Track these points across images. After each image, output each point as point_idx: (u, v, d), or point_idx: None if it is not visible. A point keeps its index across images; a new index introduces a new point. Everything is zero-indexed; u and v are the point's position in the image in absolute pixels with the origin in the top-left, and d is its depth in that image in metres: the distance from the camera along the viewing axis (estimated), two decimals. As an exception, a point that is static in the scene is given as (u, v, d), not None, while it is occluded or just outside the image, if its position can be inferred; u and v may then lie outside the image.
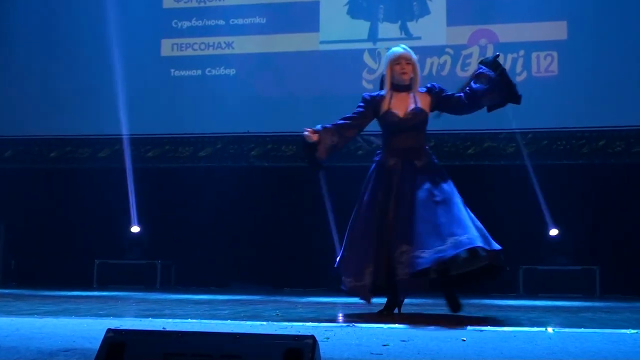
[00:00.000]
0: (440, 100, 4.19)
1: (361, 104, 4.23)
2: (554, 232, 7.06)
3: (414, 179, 4.01)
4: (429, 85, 4.26)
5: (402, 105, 4.14)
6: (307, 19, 8.08)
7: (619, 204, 7.38)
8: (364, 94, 4.32)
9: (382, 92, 4.23)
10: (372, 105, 4.20)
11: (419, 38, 7.86)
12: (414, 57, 4.22)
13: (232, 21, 8.22)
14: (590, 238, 7.30)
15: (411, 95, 4.17)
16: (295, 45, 8.02)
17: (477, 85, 4.14)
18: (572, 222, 7.15)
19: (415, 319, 3.84)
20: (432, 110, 4.21)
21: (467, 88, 4.16)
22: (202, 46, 8.26)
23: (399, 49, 4.23)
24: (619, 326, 3.43)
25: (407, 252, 3.80)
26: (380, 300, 4.16)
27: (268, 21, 8.16)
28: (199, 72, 8.22)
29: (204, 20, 8.29)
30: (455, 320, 3.77)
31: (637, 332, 3.12)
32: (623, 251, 7.25)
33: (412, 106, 4.12)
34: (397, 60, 4.17)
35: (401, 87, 4.18)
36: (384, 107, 4.15)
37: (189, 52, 8.27)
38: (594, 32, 7.52)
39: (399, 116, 4.12)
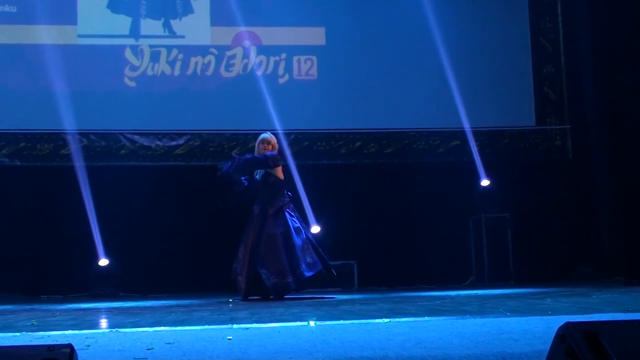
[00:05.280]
0: None
1: None
2: (315, 229, 7.33)
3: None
4: None
5: None
6: (64, 11, 7.66)
7: (374, 202, 7.91)
8: None
9: None
10: None
11: (182, 37, 7.79)
12: (273, 139, 6.16)
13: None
14: (349, 234, 7.73)
15: None
16: (51, 37, 7.54)
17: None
18: (332, 220, 7.50)
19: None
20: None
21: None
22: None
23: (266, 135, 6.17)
24: (374, 316, 3.66)
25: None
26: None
27: (19, 10, 7.60)
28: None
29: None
30: (222, 320, 3.78)
31: (389, 321, 3.35)
32: (377, 246, 7.84)
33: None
34: (262, 142, 6.10)
35: None
36: None
37: None
38: (349, 39, 7.96)
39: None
